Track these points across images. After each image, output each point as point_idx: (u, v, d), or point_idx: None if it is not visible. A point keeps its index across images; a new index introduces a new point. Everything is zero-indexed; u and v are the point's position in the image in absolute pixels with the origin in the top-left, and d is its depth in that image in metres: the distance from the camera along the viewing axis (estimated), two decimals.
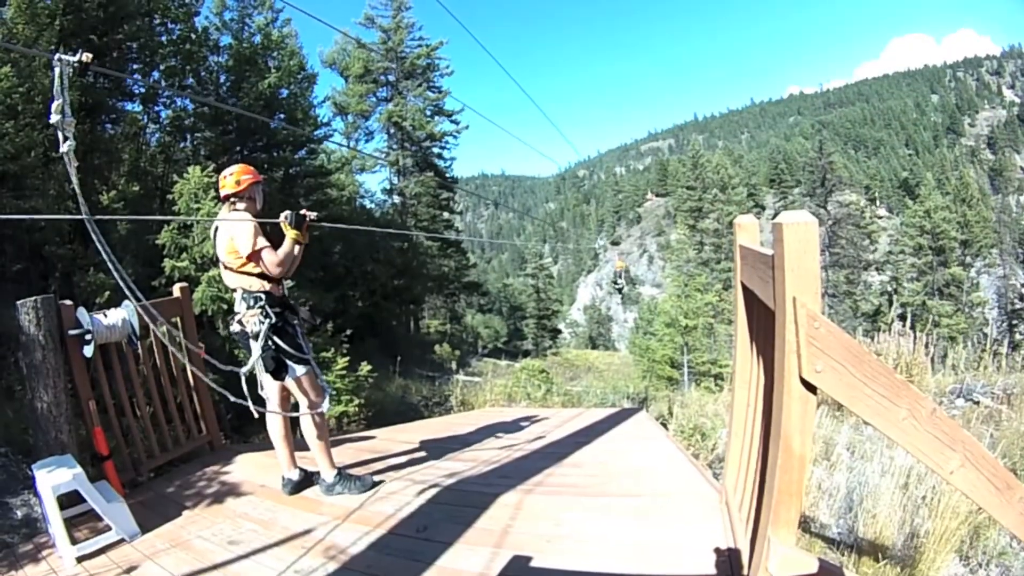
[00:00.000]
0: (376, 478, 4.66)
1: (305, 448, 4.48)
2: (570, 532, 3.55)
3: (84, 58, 2.74)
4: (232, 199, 4.32)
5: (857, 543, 3.69)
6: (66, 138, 2.76)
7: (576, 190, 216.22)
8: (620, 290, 20.45)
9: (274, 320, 4.14)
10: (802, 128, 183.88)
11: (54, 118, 2.73)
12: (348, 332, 13.67)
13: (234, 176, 4.30)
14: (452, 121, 33.20)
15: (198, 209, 10.72)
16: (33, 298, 4.33)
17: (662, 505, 3.84)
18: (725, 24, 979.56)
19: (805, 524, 3.99)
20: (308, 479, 4.66)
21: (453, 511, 3.98)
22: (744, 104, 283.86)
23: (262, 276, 4.18)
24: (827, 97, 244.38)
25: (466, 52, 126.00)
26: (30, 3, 10.88)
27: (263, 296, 4.18)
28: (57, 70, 2.67)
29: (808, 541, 3.80)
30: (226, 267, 4.22)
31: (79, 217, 2.87)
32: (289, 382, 4.30)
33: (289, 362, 4.20)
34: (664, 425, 7.49)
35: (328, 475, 4.47)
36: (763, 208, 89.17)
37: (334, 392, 11.02)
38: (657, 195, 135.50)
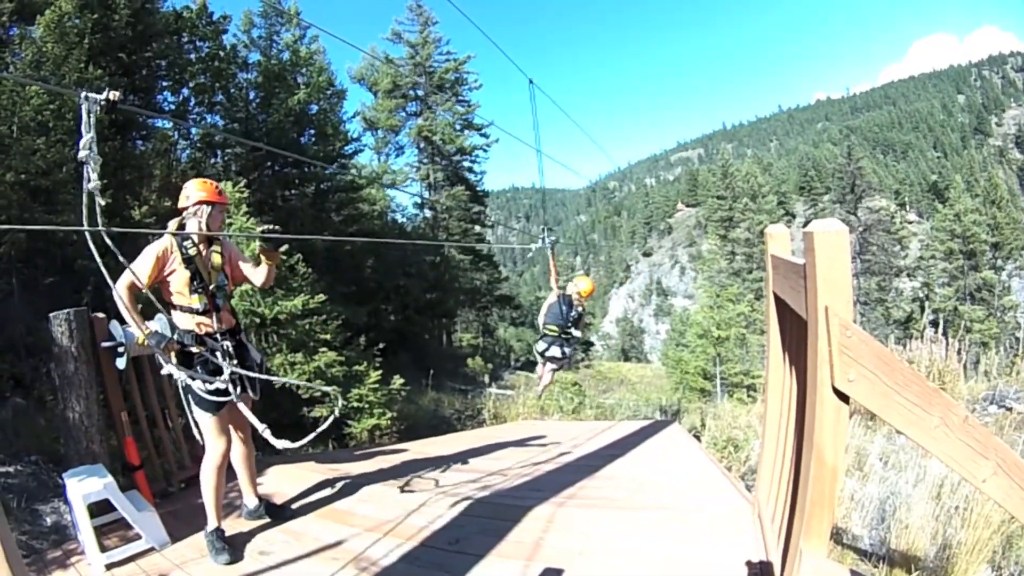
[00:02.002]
0: (408, 490, 4.64)
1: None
2: (602, 546, 3.54)
3: (111, 96, 2.75)
4: (183, 215, 3.89)
5: (889, 554, 3.65)
6: (89, 179, 2.79)
7: (607, 202, 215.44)
8: (564, 355, 7.81)
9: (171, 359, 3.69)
10: (830, 134, 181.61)
11: (82, 154, 2.76)
12: (381, 346, 13.75)
13: (184, 190, 3.86)
14: (482, 135, 33.26)
15: (230, 224, 10.85)
16: (66, 311, 4.40)
17: (694, 519, 3.82)
18: (750, 32, 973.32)
19: (837, 536, 3.94)
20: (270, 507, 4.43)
21: (486, 523, 3.99)
22: (772, 112, 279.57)
23: (171, 305, 3.86)
24: (854, 102, 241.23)
25: (493, 61, 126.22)
26: (59, 22, 11.08)
27: (175, 328, 3.82)
28: (84, 107, 2.69)
29: (840, 553, 3.76)
30: None
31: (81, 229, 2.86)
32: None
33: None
34: (697, 437, 7.46)
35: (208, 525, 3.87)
36: (793, 216, 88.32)
37: (367, 406, 11.11)
38: (687, 205, 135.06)
